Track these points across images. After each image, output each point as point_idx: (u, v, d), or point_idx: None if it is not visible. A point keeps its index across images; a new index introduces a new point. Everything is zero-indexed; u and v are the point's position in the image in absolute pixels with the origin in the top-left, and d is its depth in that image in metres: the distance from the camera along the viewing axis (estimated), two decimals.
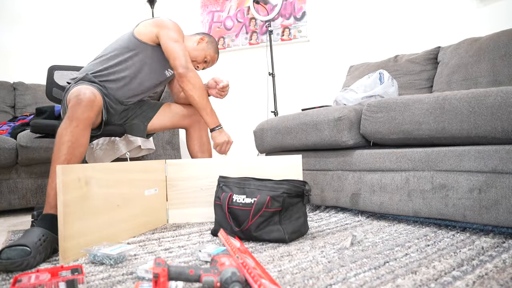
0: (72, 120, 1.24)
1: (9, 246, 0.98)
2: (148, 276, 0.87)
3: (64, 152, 1.21)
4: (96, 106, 1.32)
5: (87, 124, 1.28)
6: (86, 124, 1.28)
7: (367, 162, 1.49)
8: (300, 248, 1.10)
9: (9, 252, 0.96)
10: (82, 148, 1.27)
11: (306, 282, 0.81)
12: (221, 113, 3.36)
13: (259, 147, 2.06)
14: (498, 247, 1.01)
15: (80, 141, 1.25)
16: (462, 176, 1.19)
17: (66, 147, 1.21)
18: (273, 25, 3.09)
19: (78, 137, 1.24)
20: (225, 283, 0.73)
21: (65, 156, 1.21)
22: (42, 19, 3.01)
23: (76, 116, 1.25)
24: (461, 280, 0.78)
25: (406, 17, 2.61)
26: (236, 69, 3.31)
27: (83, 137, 1.27)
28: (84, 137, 1.27)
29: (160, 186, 1.52)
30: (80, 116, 1.25)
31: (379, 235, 1.23)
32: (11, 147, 1.96)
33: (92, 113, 1.30)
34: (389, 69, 2.18)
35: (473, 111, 1.16)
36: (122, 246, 1.05)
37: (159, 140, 2.56)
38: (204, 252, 1.00)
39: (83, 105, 1.27)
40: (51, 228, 1.09)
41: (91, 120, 1.30)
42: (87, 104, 1.28)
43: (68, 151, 1.21)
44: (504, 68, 1.65)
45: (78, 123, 1.25)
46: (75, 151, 1.23)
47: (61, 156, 1.21)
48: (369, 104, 1.49)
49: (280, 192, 1.16)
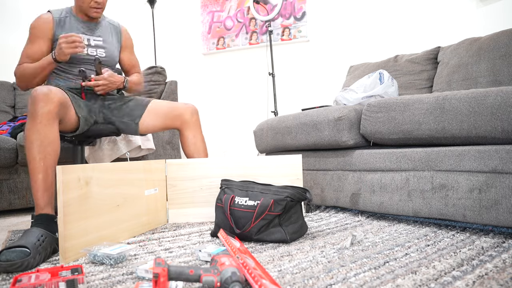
0: (35, 118, 1.22)
1: (8, 247, 0.98)
2: (148, 276, 0.87)
3: (36, 150, 1.19)
4: (53, 98, 1.27)
5: (50, 119, 1.25)
6: (48, 119, 1.24)
7: (367, 162, 1.49)
8: (300, 248, 1.10)
9: (8, 254, 0.95)
10: (54, 144, 1.24)
11: (306, 282, 0.81)
12: (221, 113, 3.38)
13: (259, 147, 2.06)
14: (498, 247, 1.01)
15: (49, 138, 1.23)
16: (462, 176, 1.19)
17: (37, 146, 1.19)
18: (273, 25, 3.09)
19: (46, 134, 1.22)
20: (225, 283, 0.73)
21: (38, 155, 1.19)
22: None
23: (36, 113, 1.22)
24: (461, 280, 0.78)
25: (406, 17, 2.61)
26: (236, 69, 3.32)
27: (51, 132, 1.24)
28: (51, 132, 1.24)
29: (160, 186, 1.52)
30: (40, 111, 1.22)
31: (379, 235, 1.23)
32: (11, 147, 1.97)
33: (51, 105, 1.25)
34: (389, 69, 2.18)
35: (473, 111, 1.16)
36: (122, 246, 1.05)
37: (159, 140, 2.56)
38: (204, 252, 1.00)
39: (39, 101, 1.24)
40: (48, 228, 1.09)
41: (52, 114, 1.26)
42: (42, 98, 1.24)
43: (39, 149, 1.19)
44: (504, 68, 1.65)
45: (41, 119, 1.22)
46: (46, 148, 1.21)
47: (35, 156, 1.19)
48: (369, 104, 1.49)
49: (283, 196, 1.16)
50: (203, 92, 3.45)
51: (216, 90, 3.41)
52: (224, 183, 1.35)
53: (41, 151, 1.19)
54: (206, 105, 3.39)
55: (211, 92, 3.43)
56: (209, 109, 3.40)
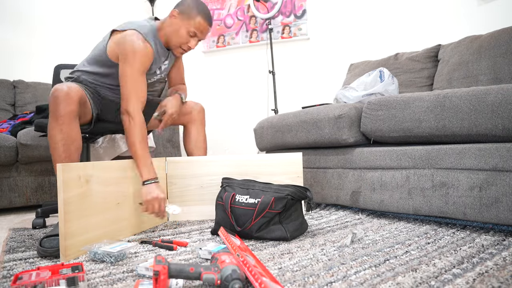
0: (57, 118, 1.27)
1: (48, 235, 1.09)
2: (149, 274, 0.87)
3: (61, 149, 1.27)
4: (74, 98, 1.29)
5: (72, 118, 1.29)
6: (70, 118, 1.29)
7: (367, 160, 1.49)
8: (300, 245, 1.10)
9: (51, 241, 1.06)
10: (76, 142, 1.31)
11: (306, 279, 0.81)
12: (221, 111, 3.38)
13: (259, 145, 2.06)
14: (498, 245, 1.02)
15: (72, 136, 1.29)
16: (463, 174, 1.19)
17: (62, 145, 1.27)
18: (273, 23, 3.08)
19: (68, 133, 1.28)
20: (225, 281, 0.73)
21: (63, 153, 1.27)
22: (42, 18, 3.01)
23: (58, 113, 1.27)
24: (461, 278, 0.78)
25: (407, 15, 2.61)
26: (236, 67, 3.31)
27: (73, 131, 1.29)
28: (73, 131, 1.30)
29: (161, 183, 1.52)
30: (62, 111, 1.27)
31: (379, 233, 1.23)
32: (11, 145, 1.96)
33: (73, 105, 1.29)
34: (390, 67, 2.17)
35: (473, 109, 1.15)
36: (122, 244, 1.05)
37: (160, 138, 2.56)
38: (205, 250, 1.00)
39: (60, 101, 1.27)
40: None
41: (74, 113, 1.30)
42: (64, 98, 1.28)
43: (64, 148, 1.27)
44: (504, 65, 1.65)
45: (63, 120, 1.27)
46: (70, 146, 1.28)
47: (61, 154, 1.27)
48: (369, 102, 1.49)
49: (284, 194, 1.16)
50: (203, 90, 3.44)
51: (216, 88, 3.41)
52: (225, 181, 1.35)
53: (65, 150, 1.28)
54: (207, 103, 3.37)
55: (211, 90, 3.43)
56: (210, 107, 3.39)
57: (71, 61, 2.17)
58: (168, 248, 1.11)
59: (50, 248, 1.05)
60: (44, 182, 2.11)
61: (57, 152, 1.27)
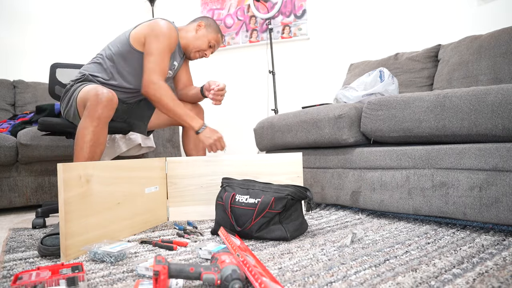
0: (93, 120, 1.29)
1: (50, 234, 1.09)
2: (149, 274, 0.87)
3: (87, 151, 1.29)
4: (114, 105, 1.35)
5: (106, 123, 1.33)
6: (105, 123, 1.33)
7: (367, 160, 1.49)
8: (300, 245, 1.10)
9: (53, 240, 1.06)
10: (102, 146, 1.34)
11: (306, 279, 0.81)
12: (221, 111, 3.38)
13: (259, 145, 2.06)
14: (498, 245, 1.02)
15: (100, 140, 1.32)
16: (463, 174, 1.19)
17: (89, 146, 1.29)
18: (273, 23, 3.08)
19: (98, 136, 1.31)
20: (225, 281, 0.73)
21: (88, 154, 1.29)
22: (42, 17, 3.01)
23: (96, 115, 1.29)
24: (461, 278, 0.78)
25: (407, 15, 2.61)
26: (236, 67, 3.31)
27: (103, 135, 1.33)
28: (103, 135, 1.33)
29: (161, 184, 1.52)
30: (101, 115, 1.30)
31: (379, 232, 1.23)
32: (11, 145, 1.96)
33: (112, 111, 1.34)
34: (390, 67, 2.18)
35: (473, 109, 1.16)
36: (122, 244, 1.05)
37: (160, 138, 2.56)
38: (205, 250, 1.00)
39: (103, 105, 1.30)
40: None
41: (109, 119, 1.35)
42: (107, 103, 1.31)
43: (90, 149, 1.29)
44: (504, 65, 1.65)
45: (99, 122, 1.30)
46: (96, 149, 1.31)
47: (84, 155, 1.29)
48: (369, 102, 1.49)
49: (284, 194, 1.16)
50: None
51: None
52: (225, 181, 1.35)
53: (91, 151, 1.30)
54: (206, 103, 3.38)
55: None
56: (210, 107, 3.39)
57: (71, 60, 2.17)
58: (168, 248, 1.11)
59: (52, 246, 1.05)
60: (44, 182, 2.11)
61: (82, 152, 1.29)
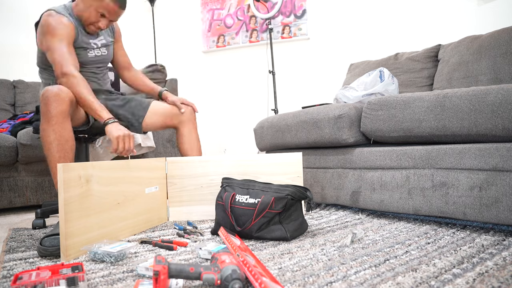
0: (49, 120, 1.29)
1: (49, 235, 1.09)
2: (149, 274, 0.87)
3: (55, 150, 1.30)
4: (65, 98, 1.32)
5: (64, 118, 1.32)
6: (63, 118, 1.31)
7: (367, 160, 1.49)
8: (300, 245, 1.10)
9: (52, 241, 1.06)
10: (70, 140, 1.34)
11: (306, 279, 0.81)
12: (221, 111, 3.38)
13: (259, 145, 2.06)
14: (498, 245, 1.02)
15: (64, 136, 1.31)
16: (463, 174, 1.19)
17: (55, 146, 1.30)
18: (273, 23, 3.08)
19: (61, 133, 1.30)
20: (225, 281, 0.73)
21: (57, 153, 1.30)
22: None
23: (50, 115, 1.29)
24: (461, 278, 0.78)
25: (407, 15, 2.61)
26: (236, 67, 3.31)
27: (65, 131, 1.32)
28: (66, 130, 1.32)
29: (161, 184, 1.52)
30: (53, 112, 1.29)
31: (379, 232, 1.23)
32: (11, 145, 1.96)
33: (64, 105, 1.31)
34: (390, 67, 2.17)
35: (473, 109, 1.16)
36: (122, 244, 1.05)
37: (160, 138, 2.56)
38: (205, 250, 1.00)
39: (51, 101, 1.30)
40: None
41: (65, 113, 1.32)
42: (54, 99, 1.30)
43: (58, 148, 1.30)
44: (504, 65, 1.65)
45: (56, 120, 1.29)
46: (64, 146, 1.31)
47: (55, 155, 1.30)
48: (369, 102, 1.49)
49: (284, 194, 1.16)
50: (203, 90, 3.44)
51: (216, 88, 3.41)
52: (225, 181, 1.36)
53: (60, 150, 1.30)
54: (206, 103, 3.39)
55: (211, 90, 3.43)
56: (209, 107, 3.39)
57: None
58: (168, 248, 1.11)
59: (51, 247, 1.05)
60: (44, 182, 2.11)
61: (51, 152, 1.30)
